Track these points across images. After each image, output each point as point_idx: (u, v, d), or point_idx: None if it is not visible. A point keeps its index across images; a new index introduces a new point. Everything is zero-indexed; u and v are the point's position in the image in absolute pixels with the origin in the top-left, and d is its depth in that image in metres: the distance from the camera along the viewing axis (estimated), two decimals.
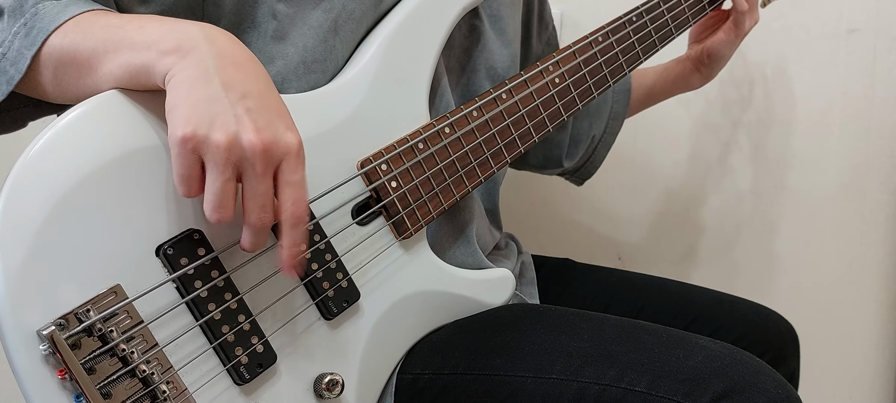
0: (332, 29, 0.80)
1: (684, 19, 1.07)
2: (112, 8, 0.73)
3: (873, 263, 1.49)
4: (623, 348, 0.76)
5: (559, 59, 0.93)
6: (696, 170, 1.51)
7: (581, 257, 1.20)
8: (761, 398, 0.70)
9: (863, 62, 1.44)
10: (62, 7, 0.67)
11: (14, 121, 0.76)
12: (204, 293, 0.66)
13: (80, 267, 0.61)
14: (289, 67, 0.79)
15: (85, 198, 0.62)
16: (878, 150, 1.46)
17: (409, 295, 0.82)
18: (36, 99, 0.72)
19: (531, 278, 1.08)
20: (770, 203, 1.50)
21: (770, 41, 1.45)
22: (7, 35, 0.68)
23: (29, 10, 0.68)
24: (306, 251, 0.72)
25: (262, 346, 0.69)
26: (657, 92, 1.24)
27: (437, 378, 0.81)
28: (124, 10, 0.74)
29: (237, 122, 0.61)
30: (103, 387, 0.61)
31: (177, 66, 0.62)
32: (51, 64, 0.67)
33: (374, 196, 0.79)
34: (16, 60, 0.67)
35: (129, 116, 0.65)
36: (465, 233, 0.91)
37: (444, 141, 0.83)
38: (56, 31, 0.66)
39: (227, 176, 0.61)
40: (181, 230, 0.66)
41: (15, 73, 0.67)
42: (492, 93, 0.87)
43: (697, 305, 1.08)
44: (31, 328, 0.59)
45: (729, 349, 0.76)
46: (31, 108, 0.75)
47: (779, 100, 1.47)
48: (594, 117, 1.19)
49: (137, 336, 0.63)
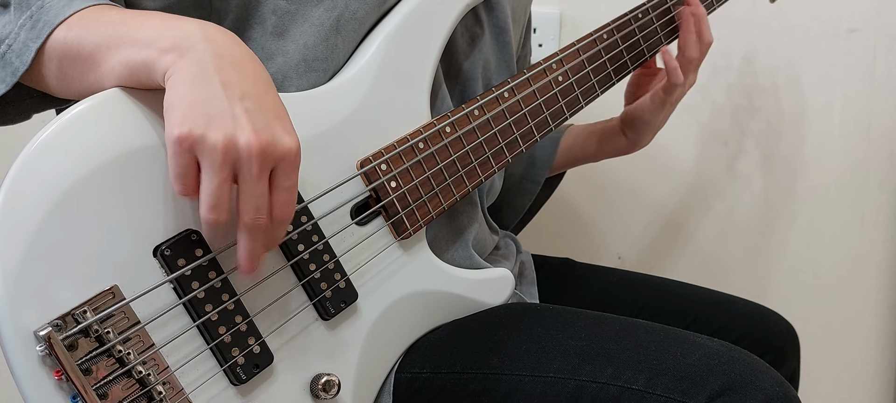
0: (334, 27, 0.80)
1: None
2: (119, 3, 0.73)
3: (873, 263, 1.49)
4: (620, 346, 0.76)
5: (562, 57, 0.92)
6: (696, 170, 1.51)
7: (581, 257, 1.20)
8: (758, 395, 0.70)
9: (863, 62, 1.44)
10: (68, 1, 0.67)
11: (19, 113, 0.76)
12: (201, 294, 0.66)
13: (77, 268, 0.61)
14: (289, 65, 0.79)
15: (83, 197, 0.62)
16: (878, 150, 1.46)
17: (408, 295, 0.81)
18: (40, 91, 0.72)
19: (531, 278, 1.07)
20: (770, 202, 1.50)
21: (770, 41, 1.45)
22: (14, 27, 0.68)
23: (35, 2, 0.68)
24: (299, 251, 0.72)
25: (258, 347, 0.69)
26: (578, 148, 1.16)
27: (435, 377, 0.81)
28: (132, 4, 0.74)
29: (235, 123, 0.60)
30: (100, 388, 0.60)
31: (176, 65, 0.61)
32: (55, 57, 0.67)
33: (373, 196, 0.79)
34: (21, 52, 0.67)
35: (129, 116, 0.65)
36: (463, 237, 0.91)
37: (444, 140, 0.83)
38: (61, 25, 0.66)
39: (223, 176, 0.61)
40: (179, 231, 0.66)
41: (20, 65, 0.67)
42: (494, 91, 0.87)
43: (697, 305, 1.08)
44: (27, 328, 0.59)
45: (726, 347, 0.76)
46: (36, 100, 0.75)
47: (779, 101, 1.47)
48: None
49: (134, 336, 0.63)
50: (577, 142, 1.17)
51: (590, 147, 1.16)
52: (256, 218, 0.62)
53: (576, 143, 1.17)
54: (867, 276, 1.49)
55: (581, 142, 1.17)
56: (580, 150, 1.17)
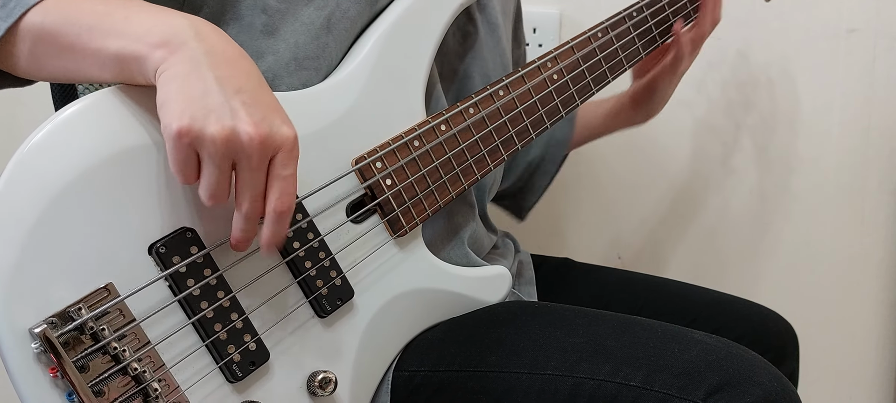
0: (324, 26, 0.80)
1: (686, 14, 1.06)
2: None
3: (873, 263, 1.48)
4: (618, 343, 0.76)
5: (557, 55, 0.92)
6: (697, 169, 1.51)
7: (581, 257, 1.20)
8: (757, 391, 0.70)
9: (863, 62, 1.43)
10: None
11: None
12: (196, 291, 0.66)
13: (72, 265, 0.61)
14: (279, 64, 0.79)
15: (78, 196, 0.62)
16: (878, 150, 1.45)
17: (404, 293, 0.81)
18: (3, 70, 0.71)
19: (530, 277, 1.07)
20: (770, 203, 1.50)
21: (770, 41, 1.45)
22: None
23: None
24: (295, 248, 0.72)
25: (254, 344, 0.69)
26: (596, 125, 1.21)
27: (433, 375, 0.81)
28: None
29: (233, 116, 0.61)
30: (95, 385, 0.61)
31: (167, 62, 0.61)
32: (28, 39, 0.66)
33: (368, 193, 0.79)
34: None
35: (124, 114, 0.65)
36: (459, 235, 0.90)
37: (439, 138, 0.83)
38: (35, 8, 0.65)
39: (224, 168, 0.62)
40: (174, 228, 0.66)
41: None
42: (488, 89, 0.87)
43: (697, 305, 1.07)
44: (23, 326, 0.59)
45: (724, 343, 0.76)
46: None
47: (779, 101, 1.47)
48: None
49: (129, 334, 0.63)
50: (591, 120, 1.21)
51: (605, 122, 1.21)
52: (253, 206, 0.63)
53: (591, 121, 1.21)
54: (867, 276, 1.49)
55: (595, 119, 1.21)
56: (596, 126, 1.22)
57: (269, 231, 0.65)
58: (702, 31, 1.08)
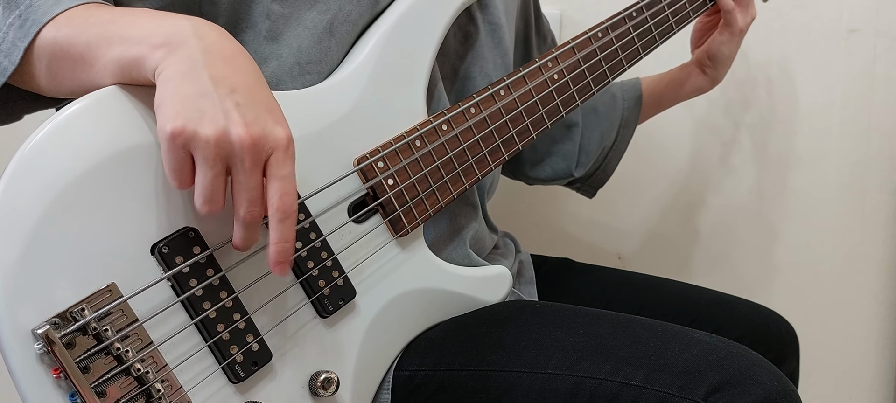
0: (327, 30, 0.80)
1: (685, 15, 1.06)
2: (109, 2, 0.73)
3: (873, 263, 1.48)
4: (619, 342, 0.76)
5: (557, 55, 0.92)
6: (697, 170, 1.51)
7: (581, 257, 1.20)
8: (757, 390, 0.70)
9: (863, 62, 1.43)
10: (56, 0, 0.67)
11: (9, 114, 0.76)
12: (199, 291, 0.66)
13: (75, 266, 0.61)
14: (283, 68, 0.79)
15: (80, 195, 0.62)
16: (878, 150, 1.45)
17: (406, 292, 0.81)
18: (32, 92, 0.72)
19: (530, 277, 1.08)
20: (770, 203, 1.50)
21: (770, 41, 1.45)
22: (2, 26, 0.68)
23: (24, 2, 0.68)
24: (297, 248, 0.72)
25: (257, 344, 0.69)
26: (667, 97, 1.23)
27: (434, 374, 0.81)
28: (122, 3, 0.74)
29: (226, 117, 0.60)
30: (98, 386, 0.60)
31: (166, 61, 0.61)
32: (45, 56, 0.67)
33: (370, 193, 0.79)
34: (10, 51, 0.67)
35: (126, 114, 0.65)
36: (461, 236, 0.91)
37: (441, 138, 0.83)
38: (49, 24, 0.66)
39: (217, 170, 0.61)
40: (176, 228, 0.66)
41: (8, 65, 0.67)
42: (489, 89, 0.87)
43: (697, 305, 1.08)
44: (25, 327, 0.59)
45: (724, 342, 0.76)
46: (27, 102, 0.75)
47: (779, 101, 1.47)
48: (605, 127, 1.19)
49: (132, 334, 0.63)
50: (661, 95, 1.23)
51: (676, 94, 1.22)
52: (251, 210, 0.63)
53: (656, 93, 1.23)
54: (867, 276, 1.49)
55: (661, 92, 1.23)
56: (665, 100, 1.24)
57: (275, 234, 0.63)
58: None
